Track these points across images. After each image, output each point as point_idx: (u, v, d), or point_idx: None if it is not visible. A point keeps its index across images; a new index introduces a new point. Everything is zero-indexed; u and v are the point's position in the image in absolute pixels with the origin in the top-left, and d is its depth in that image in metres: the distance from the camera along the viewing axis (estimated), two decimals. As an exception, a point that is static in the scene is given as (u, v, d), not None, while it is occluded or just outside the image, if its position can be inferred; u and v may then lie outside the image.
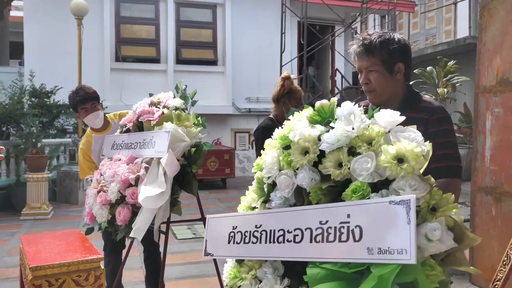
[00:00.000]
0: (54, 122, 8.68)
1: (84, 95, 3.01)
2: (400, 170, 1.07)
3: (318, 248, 1.10)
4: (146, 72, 10.04)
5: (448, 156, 1.66)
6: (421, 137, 1.14)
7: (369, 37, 1.70)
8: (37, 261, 1.71)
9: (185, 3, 10.40)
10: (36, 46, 9.30)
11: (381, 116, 1.18)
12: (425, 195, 1.08)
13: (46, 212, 6.48)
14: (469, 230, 1.14)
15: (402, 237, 1.00)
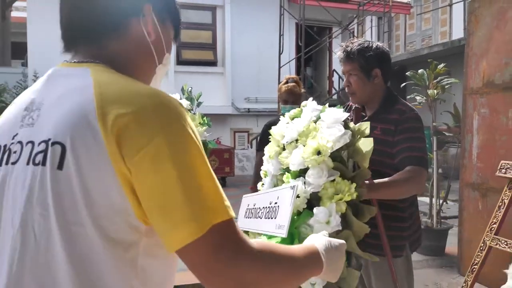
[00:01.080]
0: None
1: None
2: (312, 161, 1.30)
3: (264, 222, 1.34)
4: (147, 73, 10.23)
5: (412, 148, 1.84)
6: (341, 132, 1.35)
7: (351, 44, 1.93)
8: None
9: (185, 5, 10.59)
10: (40, 47, 9.48)
11: (328, 114, 1.41)
12: (326, 182, 1.29)
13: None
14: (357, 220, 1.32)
15: (286, 215, 1.24)
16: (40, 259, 0.68)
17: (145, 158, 0.65)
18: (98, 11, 0.80)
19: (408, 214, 1.94)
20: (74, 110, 0.70)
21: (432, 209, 4.60)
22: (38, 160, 0.70)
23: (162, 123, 0.67)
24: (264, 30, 10.79)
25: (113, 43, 0.82)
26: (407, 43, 17.27)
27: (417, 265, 4.36)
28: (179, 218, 0.65)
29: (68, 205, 0.67)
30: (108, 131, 0.66)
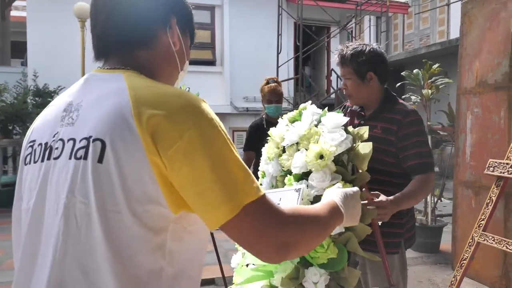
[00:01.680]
0: (57, 121, 8.91)
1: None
2: (316, 164, 1.36)
3: None
4: (146, 72, 10.29)
5: (421, 154, 1.91)
6: (343, 137, 1.40)
7: (345, 49, 1.99)
8: None
9: (184, 5, 10.66)
10: (39, 47, 9.53)
11: (329, 119, 1.47)
12: (329, 185, 1.34)
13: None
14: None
15: None
16: (81, 242, 0.78)
17: (179, 152, 0.74)
18: (131, 24, 0.89)
19: (406, 211, 1.99)
20: (112, 111, 0.79)
21: (427, 207, 4.67)
22: (79, 154, 0.79)
23: (191, 119, 0.76)
24: (263, 29, 10.85)
25: (143, 52, 0.91)
26: (405, 42, 17.33)
27: (412, 262, 4.44)
28: (216, 201, 0.75)
29: (107, 194, 0.76)
30: (143, 129, 0.75)
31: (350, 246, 1.34)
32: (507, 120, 3.52)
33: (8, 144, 7.39)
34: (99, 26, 0.91)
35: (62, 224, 0.79)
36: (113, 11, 0.89)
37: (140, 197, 0.76)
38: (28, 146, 0.91)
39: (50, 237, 0.80)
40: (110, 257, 0.76)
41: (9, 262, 4.50)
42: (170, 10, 0.93)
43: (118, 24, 0.89)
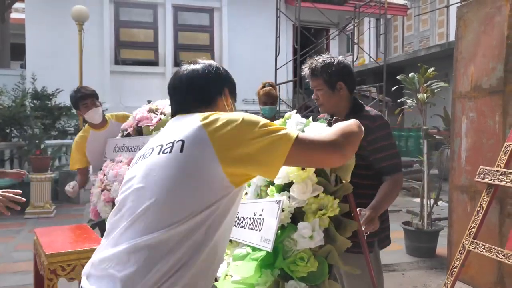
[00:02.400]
0: (56, 124, 8.93)
1: (85, 91, 3.28)
2: (297, 176, 1.36)
3: (248, 233, 1.45)
4: (144, 75, 10.29)
5: (391, 156, 2.06)
6: None
7: (315, 61, 2.09)
8: (52, 249, 1.98)
9: (183, 7, 10.66)
10: (37, 50, 9.55)
11: (312, 128, 1.46)
12: (310, 198, 1.35)
13: (49, 211, 6.74)
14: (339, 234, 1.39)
15: (272, 229, 1.32)
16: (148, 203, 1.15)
17: (234, 131, 1.15)
18: (200, 93, 1.36)
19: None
20: (187, 126, 1.20)
21: (423, 210, 4.65)
22: (166, 151, 1.19)
23: (237, 117, 1.18)
24: (261, 32, 10.84)
25: (207, 110, 1.30)
26: (405, 44, 17.31)
27: (407, 266, 4.41)
28: (277, 139, 1.14)
29: (182, 172, 1.14)
30: (208, 129, 1.16)
31: (330, 259, 1.33)
32: (501, 125, 3.50)
33: (5, 147, 7.39)
34: (178, 94, 1.37)
35: (138, 195, 1.21)
36: (190, 85, 1.35)
37: (207, 176, 1.14)
38: (151, 146, 1.34)
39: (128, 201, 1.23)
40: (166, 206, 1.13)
41: (3, 266, 4.50)
42: (223, 84, 1.40)
43: (193, 93, 1.35)
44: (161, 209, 1.11)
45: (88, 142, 3.31)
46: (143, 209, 1.12)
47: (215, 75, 1.38)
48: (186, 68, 1.38)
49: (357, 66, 16.96)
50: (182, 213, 1.09)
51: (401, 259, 4.58)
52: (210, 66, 1.39)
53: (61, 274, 1.99)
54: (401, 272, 4.31)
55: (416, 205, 7.52)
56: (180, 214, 1.09)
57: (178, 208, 1.10)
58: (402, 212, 7.11)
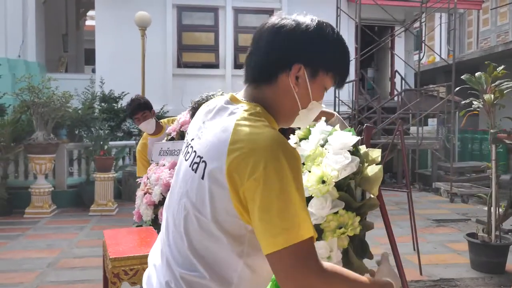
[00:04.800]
0: (121, 126, 9.34)
1: (135, 106, 3.45)
2: (316, 190, 1.22)
3: None
4: (205, 77, 10.47)
5: None
6: (348, 160, 1.27)
7: None
8: (116, 253, 2.01)
9: (243, 10, 10.72)
10: (105, 55, 10.05)
11: (335, 138, 1.32)
12: (329, 214, 1.22)
13: (111, 209, 7.04)
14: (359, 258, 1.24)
15: None
16: (180, 225, 1.04)
17: (253, 185, 0.90)
18: (261, 64, 1.06)
19: None
20: (217, 145, 0.99)
21: (491, 221, 4.25)
22: (194, 168, 1.03)
23: (268, 161, 0.90)
24: (322, 31, 10.60)
25: (267, 88, 1.06)
26: (480, 39, 16.17)
27: (471, 282, 4.05)
28: (273, 231, 0.89)
29: (201, 202, 0.99)
30: (230, 164, 0.93)
31: None
32: None
33: (74, 147, 7.84)
34: (247, 59, 1.11)
35: (176, 207, 1.07)
36: (254, 50, 1.09)
37: (221, 210, 0.96)
38: (186, 137, 1.20)
39: (171, 211, 1.11)
40: (193, 246, 1.00)
41: (63, 261, 4.73)
42: (296, 59, 1.04)
43: (255, 63, 1.07)
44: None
45: (149, 149, 3.47)
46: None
47: (296, 39, 1.05)
48: (268, 23, 1.10)
49: (426, 64, 16.10)
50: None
51: (464, 274, 4.22)
52: (304, 25, 1.08)
53: (124, 278, 2.00)
54: (464, 288, 3.97)
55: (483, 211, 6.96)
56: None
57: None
58: (471, 221, 6.60)
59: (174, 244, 1.05)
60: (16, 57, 9.68)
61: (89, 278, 4.24)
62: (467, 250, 4.48)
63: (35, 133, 6.87)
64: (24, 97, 6.97)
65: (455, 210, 7.42)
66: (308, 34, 1.06)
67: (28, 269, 4.49)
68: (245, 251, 0.99)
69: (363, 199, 1.34)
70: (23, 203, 6.90)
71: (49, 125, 7.00)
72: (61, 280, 4.19)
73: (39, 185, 6.91)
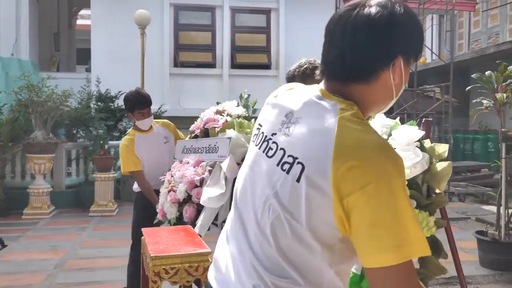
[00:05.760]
0: (118, 125, 9.23)
1: (145, 100, 3.30)
2: None
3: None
4: (202, 76, 10.42)
5: None
6: (419, 157, 1.24)
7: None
8: (157, 252, 1.96)
9: (240, 9, 10.69)
10: (101, 54, 9.93)
11: (401, 133, 1.29)
12: None
13: (112, 209, 6.95)
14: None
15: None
16: (265, 227, 0.97)
17: (362, 197, 0.84)
18: (360, 62, 0.96)
19: None
20: (318, 147, 0.92)
21: (500, 219, 4.30)
22: (284, 168, 0.96)
23: (377, 173, 0.85)
24: (319, 32, 10.51)
25: (360, 87, 0.98)
26: (471, 41, 16.39)
27: (483, 280, 4.09)
28: (382, 247, 0.83)
29: (295, 206, 0.92)
30: (337, 172, 0.87)
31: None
32: None
33: (72, 147, 7.72)
34: (332, 53, 0.99)
35: (260, 208, 0.99)
36: (348, 47, 0.95)
37: (317, 218, 0.90)
38: (257, 127, 1.12)
39: (250, 210, 1.03)
40: (283, 251, 0.94)
41: (70, 262, 4.65)
42: (398, 50, 0.96)
43: (349, 59, 0.95)
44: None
45: (136, 144, 3.35)
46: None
47: (395, 31, 0.95)
48: (356, 12, 0.95)
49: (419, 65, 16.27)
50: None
51: (475, 272, 4.26)
52: (396, 13, 0.95)
53: (164, 277, 1.95)
54: (475, 286, 4.00)
55: (486, 212, 7.03)
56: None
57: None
58: (471, 220, 6.68)
59: (259, 247, 0.98)
60: (9, 56, 9.50)
61: (98, 280, 4.17)
62: (474, 248, 4.52)
63: (34, 132, 6.75)
64: (23, 96, 6.83)
65: (454, 209, 7.50)
66: (402, 24, 0.97)
67: (34, 270, 4.40)
68: (336, 260, 0.94)
69: (429, 195, 1.33)
70: (20, 204, 6.77)
71: (48, 124, 6.88)
72: (70, 282, 4.12)
73: (38, 186, 6.79)
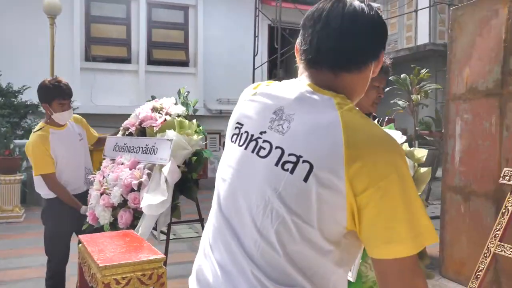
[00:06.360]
0: (22, 123, 8.46)
1: (67, 90, 2.93)
2: None
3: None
4: (117, 72, 9.93)
5: None
6: (411, 163, 1.31)
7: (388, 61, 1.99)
8: (105, 261, 1.78)
9: (157, 4, 10.38)
10: (3, 44, 9.02)
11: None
12: None
13: (19, 215, 6.34)
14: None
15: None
16: (268, 233, 0.92)
17: (378, 192, 0.85)
18: (355, 51, 0.98)
19: None
20: (325, 144, 0.89)
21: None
22: (287, 167, 0.91)
23: (390, 167, 0.86)
24: (237, 31, 10.72)
25: (348, 77, 0.99)
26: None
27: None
28: (400, 237, 0.85)
29: (304, 207, 0.89)
30: (350, 169, 0.85)
31: None
32: (498, 127, 3.55)
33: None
34: (321, 40, 0.98)
35: (259, 213, 0.93)
36: (348, 36, 0.97)
37: (328, 218, 0.88)
38: (236, 126, 1.05)
39: (244, 216, 0.95)
40: (288, 253, 0.90)
41: None
42: (382, 45, 1.02)
43: (342, 48, 0.97)
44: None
45: (51, 142, 2.90)
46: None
47: (381, 27, 1.01)
48: (348, 3, 0.99)
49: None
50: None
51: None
52: (377, 14, 1.01)
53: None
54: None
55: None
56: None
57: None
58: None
59: (261, 255, 0.92)
60: None
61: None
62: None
63: None
64: None
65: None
66: (383, 21, 1.04)
67: None
68: (344, 258, 0.93)
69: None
70: None
71: None
72: None
73: None
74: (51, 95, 2.91)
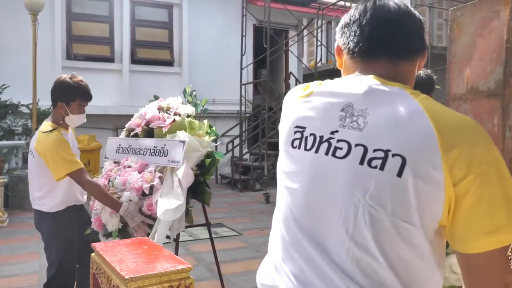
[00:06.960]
0: (1, 123, 8.15)
1: (89, 92, 2.74)
2: None
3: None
4: (100, 71, 9.67)
5: None
6: None
7: None
8: (130, 272, 1.64)
9: (141, 2, 10.17)
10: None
11: None
12: None
13: (2, 220, 6.07)
14: None
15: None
16: (364, 239, 0.84)
17: (477, 180, 0.80)
18: (405, 40, 0.97)
19: None
20: (415, 134, 0.83)
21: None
22: (374, 164, 0.85)
23: (486, 151, 0.83)
24: (222, 30, 10.61)
25: (404, 66, 0.98)
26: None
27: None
28: (502, 225, 0.79)
29: (402, 205, 0.82)
30: (449, 158, 0.81)
31: None
32: (500, 127, 3.56)
33: None
34: (377, 30, 0.97)
35: (349, 219, 0.85)
36: (395, 24, 0.97)
37: (428, 214, 0.83)
38: (296, 131, 0.98)
39: (329, 224, 0.88)
40: (390, 256, 0.83)
41: None
42: (424, 40, 1.03)
43: (399, 35, 0.97)
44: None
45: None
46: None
47: (422, 24, 1.03)
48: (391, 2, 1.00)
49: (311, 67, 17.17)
50: None
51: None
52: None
53: None
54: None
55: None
56: None
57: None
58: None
59: (356, 265, 0.84)
60: None
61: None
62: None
63: None
64: None
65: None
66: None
67: None
68: (439, 261, 0.88)
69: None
70: None
71: None
72: None
73: None
74: (73, 94, 2.67)
